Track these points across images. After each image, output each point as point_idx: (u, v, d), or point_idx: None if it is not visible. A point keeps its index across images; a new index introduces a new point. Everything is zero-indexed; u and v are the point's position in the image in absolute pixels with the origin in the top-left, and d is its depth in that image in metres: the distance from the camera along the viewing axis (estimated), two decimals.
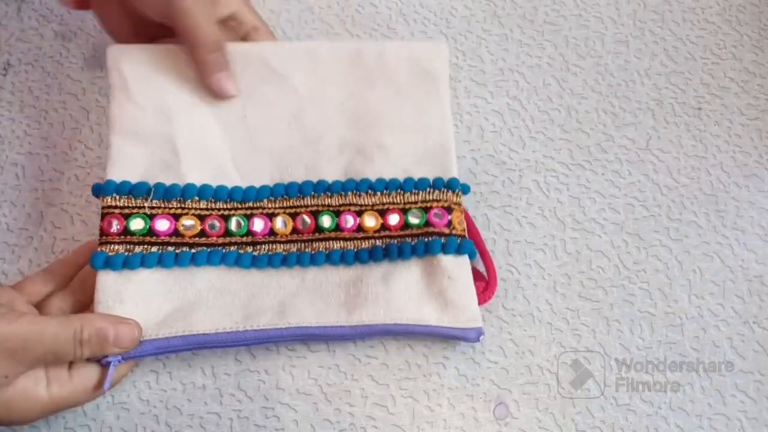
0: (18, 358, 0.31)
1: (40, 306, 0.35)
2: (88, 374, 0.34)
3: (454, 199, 0.39)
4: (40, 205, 0.41)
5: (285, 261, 0.37)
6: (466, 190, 0.40)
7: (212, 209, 0.38)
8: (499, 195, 0.43)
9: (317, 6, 0.48)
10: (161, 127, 0.38)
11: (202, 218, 0.37)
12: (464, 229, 0.39)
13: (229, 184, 0.38)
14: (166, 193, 0.37)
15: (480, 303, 0.37)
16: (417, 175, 0.39)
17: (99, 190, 0.37)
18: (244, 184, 0.39)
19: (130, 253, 0.36)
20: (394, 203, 0.39)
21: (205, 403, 0.37)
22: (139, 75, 0.39)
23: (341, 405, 0.37)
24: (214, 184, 0.38)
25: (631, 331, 0.40)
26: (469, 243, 0.38)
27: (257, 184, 0.39)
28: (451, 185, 0.39)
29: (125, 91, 0.38)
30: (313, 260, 0.37)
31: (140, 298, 0.35)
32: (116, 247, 0.36)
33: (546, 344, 0.39)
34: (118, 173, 0.37)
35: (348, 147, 0.40)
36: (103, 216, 0.36)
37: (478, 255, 0.39)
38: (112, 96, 0.38)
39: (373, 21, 0.48)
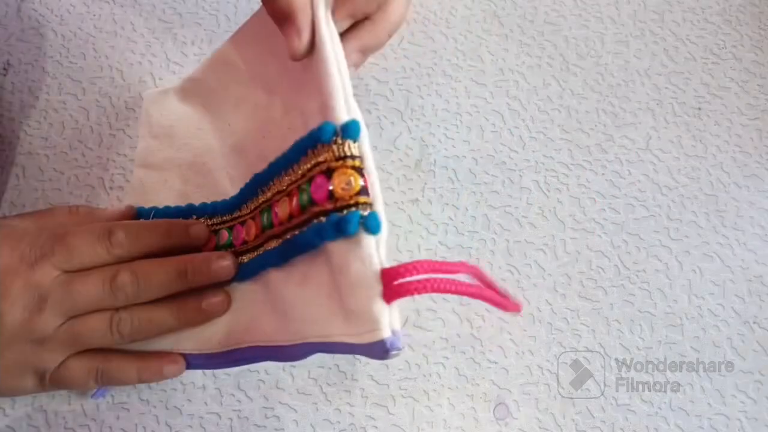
0: None
1: None
2: None
3: (337, 153, 0.27)
4: (40, 205, 0.41)
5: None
6: (352, 132, 0.27)
7: None
8: (499, 195, 0.43)
9: None
10: (172, 154, 0.40)
11: None
12: (356, 192, 0.26)
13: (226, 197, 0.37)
14: (164, 215, 0.38)
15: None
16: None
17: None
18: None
19: None
20: (279, 191, 0.31)
21: (205, 403, 0.37)
22: (159, 112, 0.42)
23: (341, 405, 0.37)
24: (208, 200, 0.38)
25: (631, 331, 0.39)
26: (355, 215, 0.26)
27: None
28: (322, 135, 0.27)
29: (148, 126, 0.42)
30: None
31: None
32: None
33: (546, 344, 0.39)
34: (130, 199, 0.39)
35: None
36: None
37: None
38: (139, 133, 0.42)
39: None
